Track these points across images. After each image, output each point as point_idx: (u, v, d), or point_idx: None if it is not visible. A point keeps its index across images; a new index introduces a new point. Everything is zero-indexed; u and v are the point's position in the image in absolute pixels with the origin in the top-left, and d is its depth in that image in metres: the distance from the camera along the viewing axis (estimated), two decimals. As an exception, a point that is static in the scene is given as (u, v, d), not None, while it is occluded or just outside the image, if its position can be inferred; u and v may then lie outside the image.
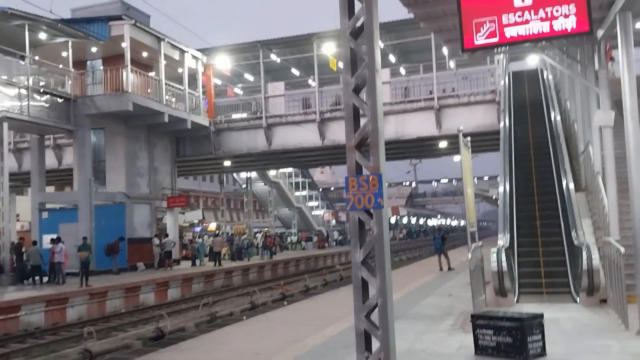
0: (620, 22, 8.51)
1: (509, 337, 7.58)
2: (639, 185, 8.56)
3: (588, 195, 14.85)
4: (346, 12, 6.48)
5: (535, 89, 24.18)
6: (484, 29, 7.20)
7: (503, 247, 12.24)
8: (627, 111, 8.67)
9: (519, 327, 7.49)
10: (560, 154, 17.24)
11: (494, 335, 7.71)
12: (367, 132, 6.34)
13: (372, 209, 6.23)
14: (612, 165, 11.23)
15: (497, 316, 7.85)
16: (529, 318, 7.57)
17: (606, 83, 11.32)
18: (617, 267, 9.35)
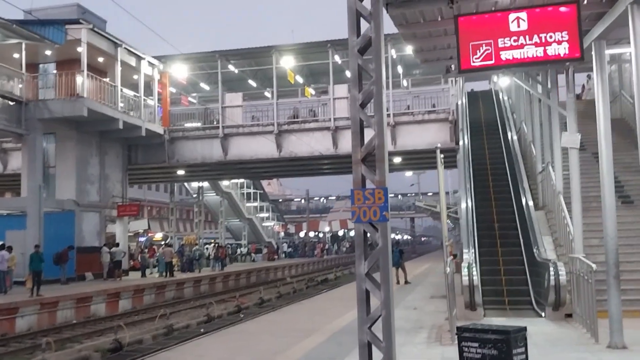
0: (595, 49, 8.99)
1: (494, 350, 7.76)
2: (612, 206, 9.01)
3: (548, 213, 15.44)
4: (354, 30, 6.60)
5: (490, 110, 25.04)
6: (481, 52, 7.48)
7: (470, 262, 12.58)
8: (601, 134, 9.13)
9: (505, 339, 7.69)
10: (518, 173, 17.90)
11: (480, 348, 7.87)
12: (373, 146, 6.46)
13: (377, 222, 6.33)
14: (578, 185, 11.76)
15: (482, 329, 8.05)
16: (515, 331, 7.79)
17: (573, 107, 11.87)
18: (587, 283, 9.79)
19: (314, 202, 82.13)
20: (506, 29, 7.40)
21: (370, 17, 6.52)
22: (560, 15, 7.21)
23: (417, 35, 9.82)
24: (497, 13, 7.54)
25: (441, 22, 8.86)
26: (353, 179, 6.49)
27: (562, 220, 13.27)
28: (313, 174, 37.45)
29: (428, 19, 8.84)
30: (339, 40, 28.64)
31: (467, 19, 7.61)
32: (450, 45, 10.57)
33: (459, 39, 7.55)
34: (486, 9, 8.11)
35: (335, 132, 27.27)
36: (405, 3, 7.97)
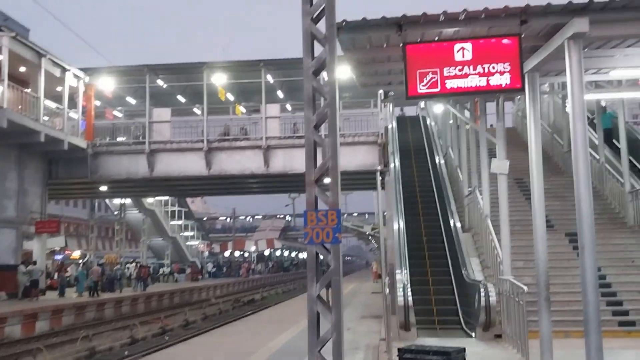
0: (529, 80, 9.49)
1: (435, 370, 7.94)
2: (542, 230, 9.46)
3: (474, 235, 16.01)
4: (309, 52, 6.68)
5: (418, 134, 25.83)
6: (427, 80, 7.73)
7: (405, 282, 12.85)
8: (532, 162, 9.61)
9: (446, 360, 7.89)
10: (446, 196, 18.51)
11: (421, 369, 8.04)
12: (326, 168, 6.52)
13: (330, 243, 6.36)
14: (506, 210, 12.26)
15: (424, 350, 8.21)
16: (455, 352, 8.00)
17: (502, 134, 12.43)
18: (518, 305, 10.21)
19: (240, 220, 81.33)
20: (451, 59, 7.69)
21: (325, 41, 6.61)
22: (503, 47, 7.58)
23: (361, 60, 10.02)
24: (443, 43, 7.83)
25: (386, 48, 9.09)
26: (306, 200, 6.51)
27: (490, 242, 13.79)
28: (243, 192, 37.12)
29: (374, 45, 9.05)
30: (272, 60, 28.77)
31: (415, 47, 7.86)
32: (391, 71, 10.85)
33: (406, 67, 7.77)
34: (431, 38, 8.40)
35: (267, 151, 27.21)
36: (356, 28, 8.14)
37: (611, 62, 10.02)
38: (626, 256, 13.78)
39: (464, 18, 7.69)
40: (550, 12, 7.56)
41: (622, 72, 10.69)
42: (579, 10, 7.47)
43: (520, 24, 7.68)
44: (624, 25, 7.76)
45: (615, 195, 16.51)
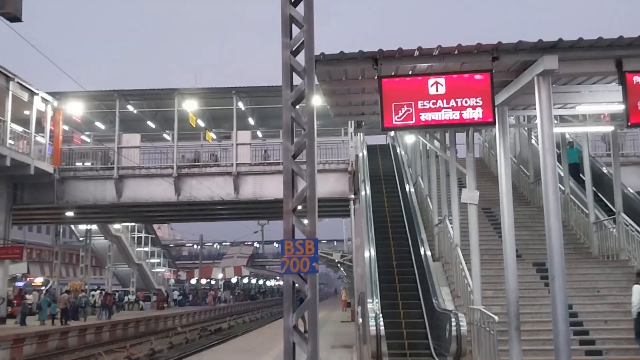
0: (499, 114, 9.77)
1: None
2: (512, 260, 9.64)
3: (445, 264, 16.15)
4: (288, 84, 6.79)
5: (388, 163, 26.10)
6: (402, 112, 7.90)
7: (377, 312, 12.84)
8: (502, 192, 9.83)
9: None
10: (416, 224, 18.66)
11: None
12: (304, 197, 6.58)
13: (306, 273, 6.39)
14: (476, 239, 12.45)
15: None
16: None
17: (472, 165, 12.68)
18: (489, 334, 10.32)
19: (208, 247, 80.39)
20: (426, 92, 7.89)
21: (304, 73, 6.74)
22: (475, 82, 7.82)
23: (336, 91, 10.19)
24: (418, 77, 8.04)
25: (362, 81, 9.27)
26: (284, 229, 6.54)
27: (460, 272, 13.93)
28: (212, 219, 36.82)
29: (350, 77, 9.22)
30: (244, 87, 28.94)
31: (390, 81, 8.04)
32: (365, 102, 11.04)
33: (382, 99, 7.93)
34: (405, 72, 8.60)
35: (237, 178, 27.15)
36: (333, 61, 8.30)
37: (577, 97, 10.38)
38: (592, 286, 14.05)
39: (437, 54, 7.92)
40: (521, 49, 7.85)
41: (588, 107, 11.09)
42: (548, 48, 7.76)
43: (492, 60, 7.94)
44: (591, 63, 8.08)
45: (580, 226, 16.90)
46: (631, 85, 7.77)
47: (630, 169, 18.66)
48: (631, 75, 7.78)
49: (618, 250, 15.10)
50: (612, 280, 14.28)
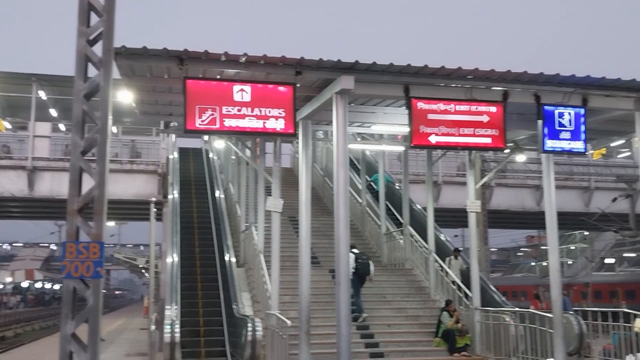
0: (302, 127, 10.17)
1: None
2: (307, 267, 10.05)
3: (248, 270, 16.33)
4: (82, 75, 6.38)
5: (200, 167, 25.73)
6: (206, 116, 7.85)
7: (173, 318, 12.55)
8: (302, 202, 10.22)
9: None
10: (223, 230, 18.62)
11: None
12: (92, 197, 6.20)
13: (90, 278, 6.01)
14: (278, 246, 12.77)
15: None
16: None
17: (278, 174, 13.00)
18: (282, 338, 10.61)
19: (-5, 248, 72.24)
20: (231, 98, 7.92)
21: (100, 65, 6.38)
22: (280, 93, 8.04)
23: (140, 88, 9.81)
24: (224, 82, 8.04)
25: (168, 80, 9.04)
26: (67, 231, 6.10)
27: (261, 277, 14.19)
28: (1, 217, 33.19)
29: (155, 75, 8.93)
30: (47, 75, 26.60)
31: (195, 83, 7.94)
32: (173, 102, 10.79)
33: (186, 101, 7.80)
34: (212, 76, 8.56)
35: (32, 173, 24.83)
36: (136, 56, 7.97)
37: (373, 117, 11.18)
38: (379, 292, 15.16)
39: (244, 61, 8.00)
40: (322, 67, 8.24)
41: (382, 127, 11.98)
42: (346, 69, 8.25)
43: (296, 74, 8.22)
44: (383, 87, 8.74)
45: (374, 236, 18.19)
46: (416, 110, 8.56)
47: (418, 187, 20.51)
48: (416, 100, 8.57)
49: (404, 260, 16.49)
50: (397, 287, 15.56)
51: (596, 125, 11.10)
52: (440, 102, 8.73)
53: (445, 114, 8.69)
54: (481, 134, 8.83)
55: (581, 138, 9.27)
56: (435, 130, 8.68)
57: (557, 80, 8.92)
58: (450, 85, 8.90)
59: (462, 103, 8.81)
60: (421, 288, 15.57)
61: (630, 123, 9.91)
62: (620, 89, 9.21)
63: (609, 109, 9.88)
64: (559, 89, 9.11)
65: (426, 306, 14.73)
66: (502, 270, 71.02)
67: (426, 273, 15.55)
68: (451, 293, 14.50)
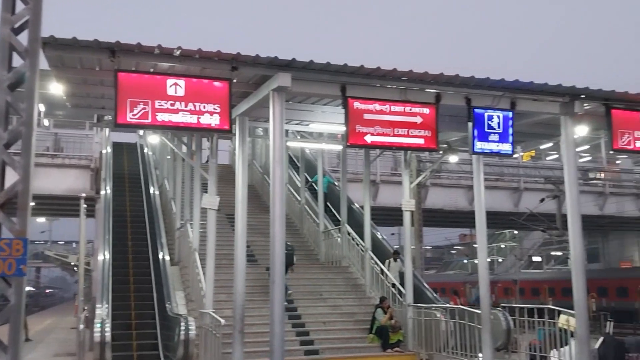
0: (239, 124, 10.10)
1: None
2: (242, 265, 9.99)
3: (182, 268, 16.07)
4: (6, 64, 6.12)
5: (134, 163, 25.11)
6: (138, 109, 7.66)
7: (104, 317, 12.21)
8: (238, 199, 10.14)
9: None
10: (157, 228, 18.24)
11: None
12: (15, 192, 5.95)
13: (12, 276, 5.77)
14: (213, 244, 12.63)
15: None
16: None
17: (215, 171, 12.85)
18: (215, 337, 10.51)
19: None
20: (164, 93, 7.76)
21: (26, 54, 6.13)
22: (215, 89, 7.93)
23: (71, 80, 9.48)
24: (157, 75, 7.88)
25: (99, 72, 8.77)
26: (-13, 227, 5.82)
27: (196, 276, 14.00)
28: None
29: (86, 67, 8.65)
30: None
31: (127, 76, 7.74)
32: (105, 95, 10.49)
33: (117, 94, 7.59)
34: (146, 69, 8.36)
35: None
36: (65, 46, 7.69)
37: (311, 116, 11.22)
38: (316, 290, 15.24)
39: (178, 55, 7.86)
40: (259, 63, 8.19)
41: (320, 125, 12.04)
42: (283, 66, 8.23)
43: (232, 69, 8.14)
44: (321, 86, 8.78)
45: (312, 234, 18.26)
46: (352, 109, 8.64)
47: (357, 185, 20.72)
48: (353, 100, 8.66)
49: (341, 258, 16.64)
50: (334, 285, 15.68)
51: (524, 128, 11.52)
52: (376, 102, 8.84)
53: (381, 114, 8.81)
54: (415, 135, 9.01)
55: (509, 140, 9.60)
56: (371, 130, 8.78)
57: (487, 84, 9.19)
58: (386, 86, 9.03)
59: (397, 104, 8.96)
60: (357, 285, 15.74)
61: (557, 126, 10.33)
62: (547, 94, 9.59)
63: (536, 112, 10.26)
64: (489, 92, 9.40)
65: (362, 303, 14.90)
66: (437, 268, 72.81)
67: (362, 270, 15.73)
68: (386, 290, 14.73)
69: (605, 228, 40.89)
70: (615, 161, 37.07)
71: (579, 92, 9.52)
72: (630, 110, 9.75)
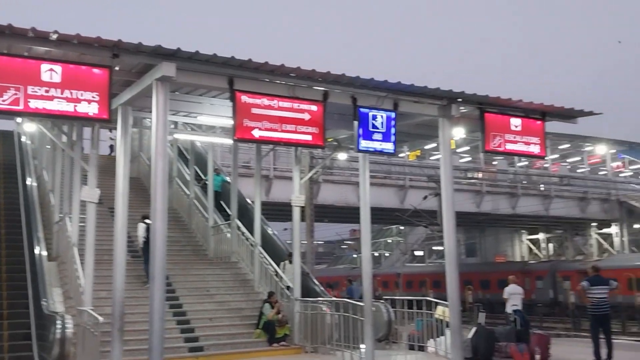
0: (122, 114, 9.73)
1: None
2: (122, 260, 9.67)
3: (60, 264, 15.27)
4: None
5: (10, 151, 23.45)
6: (8, 95, 7.18)
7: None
8: (119, 191, 9.78)
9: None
10: (34, 221, 17.16)
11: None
12: None
13: None
14: (93, 238, 12.09)
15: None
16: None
17: (95, 162, 12.26)
18: (93, 335, 10.07)
19: None
20: (38, 78, 7.31)
21: None
22: (94, 76, 7.57)
23: None
24: (31, 59, 7.40)
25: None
26: None
27: (74, 272, 13.36)
28: None
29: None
30: None
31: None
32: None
33: (-14, 77, 7.05)
34: (19, 52, 7.82)
35: None
36: None
37: (199, 108, 11.03)
38: (203, 286, 15.03)
39: (55, 39, 7.42)
40: (141, 51, 7.91)
41: (208, 118, 11.87)
42: (168, 55, 8.01)
43: (113, 57, 7.81)
44: (208, 77, 8.64)
45: (201, 229, 17.97)
46: (240, 103, 8.58)
47: (250, 180, 20.60)
48: (240, 94, 8.59)
49: (230, 253, 16.51)
50: (222, 281, 15.54)
51: (408, 128, 12.01)
52: (265, 97, 8.83)
53: (269, 109, 8.82)
54: (302, 131, 9.10)
55: (391, 140, 9.94)
56: (258, 124, 8.76)
57: (371, 84, 9.46)
58: (275, 81, 9.05)
59: (285, 100, 9.00)
60: (246, 281, 15.71)
61: (437, 128, 10.83)
62: (427, 96, 10.04)
63: (417, 114, 10.71)
64: (373, 92, 9.68)
65: (249, 299, 14.88)
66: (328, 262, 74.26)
67: (251, 266, 15.70)
68: (274, 285, 14.81)
69: (482, 224, 43.64)
70: (492, 162, 39.62)
71: (456, 96, 10.04)
72: (502, 115, 10.42)
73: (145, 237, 14.45)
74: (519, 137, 10.46)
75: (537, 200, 37.20)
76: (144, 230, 14.58)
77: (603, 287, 12.33)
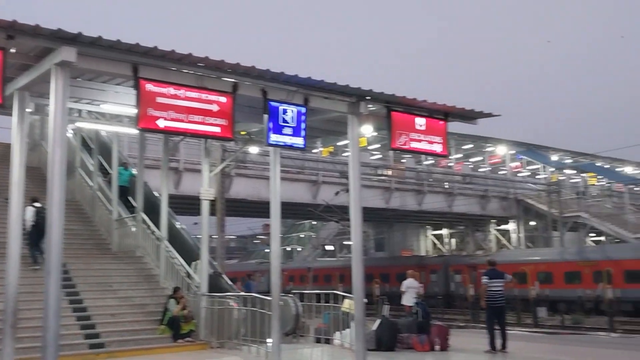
0: (18, 99, 9.19)
1: None
2: (16, 252, 9.18)
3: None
4: None
5: None
6: None
7: None
8: (14, 181, 9.25)
9: None
10: None
11: None
12: None
13: None
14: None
15: None
16: None
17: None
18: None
19: None
20: None
21: None
22: (-16, 58, 7.09)
23: None
24: None
25: None
26: None
27: (-36, 267, 12.48)
28: None
29: None
30: None
31: None
32: None
33: None
34: None
35: None
36: None
37: (103, 95, 10.61)
38: (106, 281, 14.48)
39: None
40: (39, 33, 7.49)
41: (112, 107, 11.44)
42: (68, 40, 7.64)
43: (7, 38, 7.35)
44: (111, 64, 8.31)
45: (104, 222, 17.31)
46: (144, 91, 8.31)
47: (156, 172, 20.05)
48: (145, 82, 8.32)
49: (135, 247, 16.02)
50: (125, 276, 15.04)
51: (319, 124, 12.11)
52: (171, 86, 8.59)
53: (175, 99, 8.59)
54: (210, 123, 8.94)
55: (302, 134, 9.98)
56: (164, 114, 8.52)
57: (282, 78, 9.45)
58: (182, 70, 8.84)
59: (193, 90, 8.80)
60: (151, 276, 15.30)
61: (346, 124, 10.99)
62: (336, 93, 10.15)
63: (327, 110, 10.82)
64: (284, 86, 9.67)
65: (154, 294, 14.51)
66: (240, 257, 73.74)
67: (157, 260, 15.31)
68: (180, 280, 14.52)
69: (390, 220, 44.84)
70: (401, 160, 40.79)
71: (364, 94, 10.22)
72: (408, 114, 10.71)
73: (33, 221, 13.84)
74: (423, 136, 10.80)
75: (441, 197, 38.68)
76: (33, 214, 13.95)
77: (499, 281, 13.02)
